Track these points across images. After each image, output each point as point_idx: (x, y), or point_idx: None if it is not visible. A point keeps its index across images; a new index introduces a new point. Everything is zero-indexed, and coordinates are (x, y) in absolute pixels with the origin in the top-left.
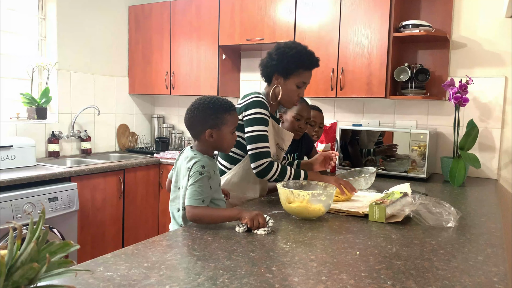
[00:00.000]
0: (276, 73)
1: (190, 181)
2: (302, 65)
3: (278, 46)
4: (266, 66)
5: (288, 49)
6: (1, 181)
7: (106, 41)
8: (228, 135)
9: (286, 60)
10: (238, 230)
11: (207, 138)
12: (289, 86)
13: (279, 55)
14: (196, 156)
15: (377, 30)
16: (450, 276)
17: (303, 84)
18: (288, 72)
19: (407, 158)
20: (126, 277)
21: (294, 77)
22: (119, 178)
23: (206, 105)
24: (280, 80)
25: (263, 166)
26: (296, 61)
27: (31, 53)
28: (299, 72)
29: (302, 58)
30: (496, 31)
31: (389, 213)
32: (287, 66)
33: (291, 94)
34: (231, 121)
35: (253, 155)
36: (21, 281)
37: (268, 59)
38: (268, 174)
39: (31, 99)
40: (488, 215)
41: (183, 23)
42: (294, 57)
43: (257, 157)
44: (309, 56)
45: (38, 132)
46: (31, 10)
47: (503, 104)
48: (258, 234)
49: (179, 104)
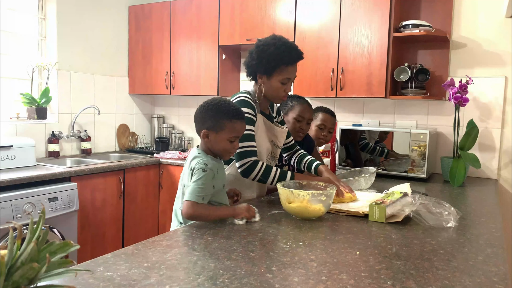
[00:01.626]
0: (259, 73)
1: (194, 178)
2: (282, 61)
3: (258, 44)
4: (248, 66)
5: (267, 47)
6: (1, 181)
7: (106, 41)
8: (224, 142)
9: (266, 59)
10: (238, 222)
11: (203, 137)
12: (273, 84)
13: (258, 53)
14: (199, 155)
15: (377, 30)
16: (450, 276)
17: (287, 80)
18: (269, 70)
19: (407, 157)
20: (126, 277)
21: (277, 74)
22: (119, 178)
23: (212, 106)
24: (264, 78)
25: (247, 165)
26: (276, 58)
27: (31, 53)
28: (281, 69)
29: (282, 55)
30: (496, 31)
31: (389, 213)
32: (267, 64)
33: (277, 91)
34: (230, 129)
35: (238, 154)
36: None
37: (249, 59)
38: (252, 173)
39: (31, 99)
40: (488, 215)
41: (183, 23)
42: (273, 54)
43: (242, 156)
44: (289, 51)
45: (38, 132)
46: (31, 10)
47: (503, 104)
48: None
49: (179, 104)
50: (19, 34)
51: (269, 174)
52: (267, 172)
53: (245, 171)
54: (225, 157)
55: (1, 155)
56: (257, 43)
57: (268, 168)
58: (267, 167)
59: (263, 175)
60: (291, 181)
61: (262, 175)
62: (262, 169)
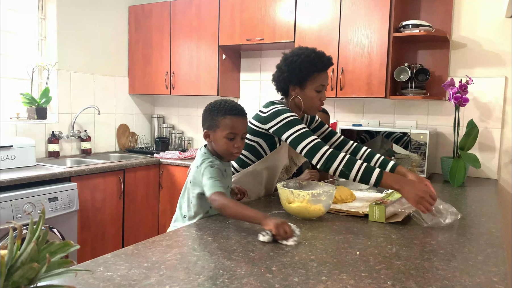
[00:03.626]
0: (291, 85)
1: (206, 177)
2: (315, 69)
3: (286, 57)
4: (278, 81)
5: (296, 57)
6: (1, 181)
7: (106, 41)
8: (222, 139)
9: (297, 69)
10: (262, 239)
11: (205, 138)
12: (308, 94)
13: (288, 65)
14: (205, 154)
15: (377, 30)
16: (450, 276)
17: (322, 87)
18: (302, 80)
19: (407, 158)
20: (126, 277)
21: (311, 83)
22: (119, 178)
23: (210, 106)
24: (297, 90)
25: (326, 155)
26: (307, 67)
27: (31, 53)
28: (314, 77)
29: (313, 62)
30: (496, 31)
31: (389, 213)
32: (300, 74)
33: (313, 101)
34: (224, 125)
35: (307, 152)
36: (21, 281)
37: (278, 73)
38: (333, 163)
39: (31, 99)
40: (488, 215)
41: (183, 23)
42: (303, 63)
43: (312, 152)
44: (320, 58)
45: (38, 132)
46: (31, 10)
47: (503, 104)
48: (288, 245)
49: (179, 104)
50: (19, 34)
51: (353, 165)
52: (350, 163)
53: (325, 162)
54: (227, 157)
55: (1, 155)
56: (284, 56)
57: (352, 159)
58: (350, 157)
59: (345, 165)
60: (291, 181)
61: (344, 165)
62: (344, 158)
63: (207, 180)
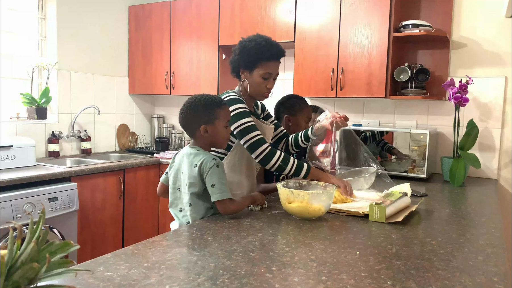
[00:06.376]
0: (241, 68)
1: (213, 177)
2: (262, 56)
3: (240, 41)
4: (231, 62)
5: (248, 43)
6: (1, 181)
7: (106, 41)
8: (222, 129)
9: (246, 54)
10: (255, 209)
11: (202, 134)
12: (254, 79)
13: (240, 49)
14: (200, 151)
15: (377, 30)
16: (450, 276)
17: (268, 75)
18: (250, 66)
19: (407, 157)
20: (126, 277)
21: (258, 69)
22: (119, 178)
23: (198, 102)
24: (246, 73)
25: (265, 152)
26: (255, 53)
27: (31, 53)
28: (262, 64)
29: (261, 50)
30: (496, 31)
31: (389, 213)
32: (247, 59)
33: (259, 86)
34: (223, 115)
35: (249, 146)
36: (21, 281)
37: (232, 55)
38: (271, 159)
39: (31, 99)
40: (488, 215)
41: (183, 23)
42: (252, 49)
43: (255, 146)
44: (269, 47)
45: (38, 132)
46: (31, 10)
47: (503, 104)
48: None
49: (179, 104)
50: (19, 34)
51: (289, 160)
52: (286, 159)
53: (264, 158)
54: (225, 144)
55: (1, 155)
56: (240, 41)
57: (287, 156)
58: (285, 154)
59: (283, 161)
60: (291, 181)
61: (282, 161)
62: (281, 155)
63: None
